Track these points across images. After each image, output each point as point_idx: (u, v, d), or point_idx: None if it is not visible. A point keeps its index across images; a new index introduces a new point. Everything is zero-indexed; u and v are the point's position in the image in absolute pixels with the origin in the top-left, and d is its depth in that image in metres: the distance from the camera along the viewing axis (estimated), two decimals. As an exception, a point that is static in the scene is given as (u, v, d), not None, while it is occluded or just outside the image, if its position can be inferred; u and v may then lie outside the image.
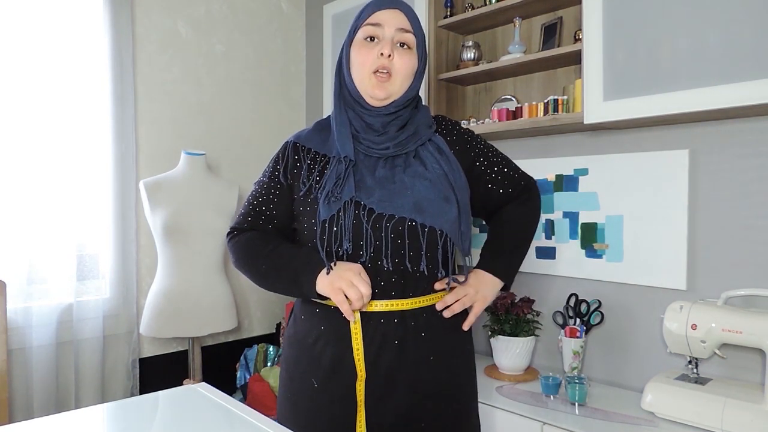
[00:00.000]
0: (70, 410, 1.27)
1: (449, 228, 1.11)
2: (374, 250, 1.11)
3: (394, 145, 1.14)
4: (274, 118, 2.88)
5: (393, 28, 1.13)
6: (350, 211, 1.10)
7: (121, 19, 2.30)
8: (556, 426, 1.50)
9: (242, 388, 2.57)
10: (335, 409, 1.16)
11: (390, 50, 1.12)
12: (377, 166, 1.15)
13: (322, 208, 1.12)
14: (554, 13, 1.98)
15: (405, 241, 1.10)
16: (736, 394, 1.42)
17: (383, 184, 1.12)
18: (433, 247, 1.12)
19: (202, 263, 2.19)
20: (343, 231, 1.10)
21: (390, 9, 1.14)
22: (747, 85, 1.37)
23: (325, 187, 1.13)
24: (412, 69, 1.16)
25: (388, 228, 1.09)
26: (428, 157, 1.16)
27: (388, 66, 1.12)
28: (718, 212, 1.63)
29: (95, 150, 2.26)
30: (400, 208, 1.10)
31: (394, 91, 1.14)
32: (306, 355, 1.20)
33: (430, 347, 1.17)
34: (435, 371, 1.17)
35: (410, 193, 1.11)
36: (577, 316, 1.87)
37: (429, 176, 1.14)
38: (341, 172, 1.13)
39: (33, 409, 2.08)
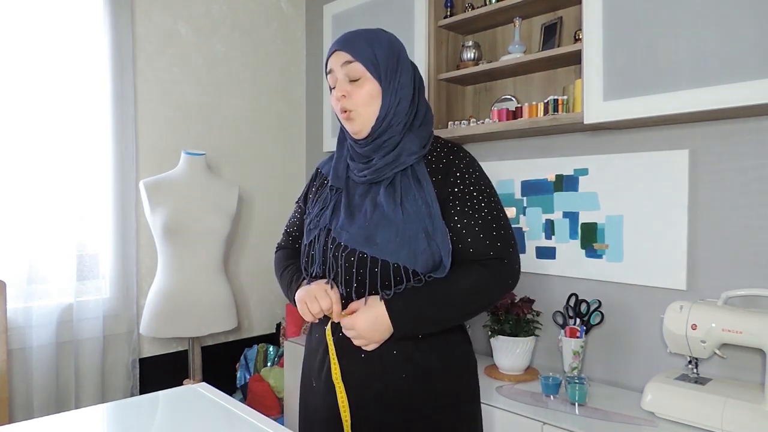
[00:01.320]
0: (70, 410, 1.27)
1: (405, 258, 1.12)
2: (334, 276, 1.19)
3: (371, 172, 1.19)
4: (274, 118, 2.88)
5: (339, 68, 1.19)
6: (321, 239, 1.21)
7: (121, 19, 2.30)
8: (556, 426, 1.49)
9: (242, 388, 2.57)
10: (325, 403, 1.24)
11: (341, 91, 1.18)
12: (356, 192, 1.22)
13: (305, 233, 1.27)
14: (554, 13, 1.98)
15: (355, 270, 1.15)
16: (736, 394, 1.42)
17: (352, 212, 1.19)
18: (382, 276, 1.13)
19: (202, 263, 2.19)
20: (317, 255, 1.21)
21: (335, 53, 1.20)
22: (747, 85, 1.37)
23: (310, 214, 1.27)
24: (368, 95, 1.17)
25: (343, 257, 1.16)
26: (405, 184, 1.17)
27: (345, 106, 1.18)
28: (718, 212, 1.63)
29: (95, 150, 2.26)
30: (352, 238, 1.15)
31: (363, 123, 1.18)
32: (310, 357, 1.32)
33: (385, 364, 1.17)
34: (392, 387, 1.17)
35: (365, 222, 1.15)
36: (577, 316, 1.87)
37: (393, 205, 1.15)
38: (327, 199, 1.24)
39: (33, 409, 2.08)
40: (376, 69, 1.17)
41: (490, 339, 1.91)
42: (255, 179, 2.80)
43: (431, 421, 1.18)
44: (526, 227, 2.07)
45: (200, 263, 2.19)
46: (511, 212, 2.12)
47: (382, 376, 1.17)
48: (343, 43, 1.19)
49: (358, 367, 1.18)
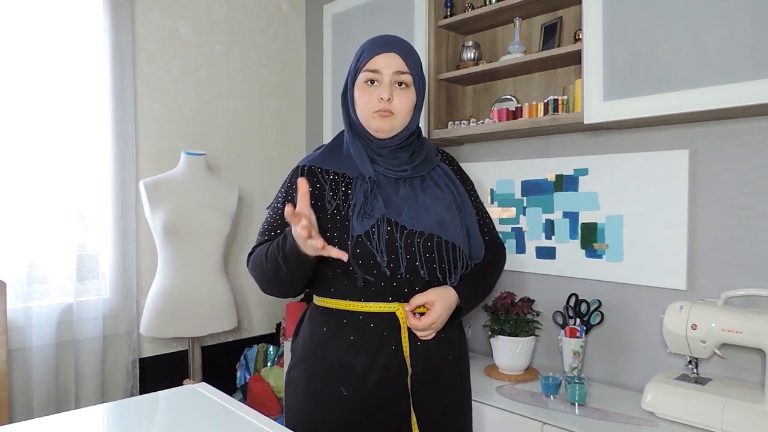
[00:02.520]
0: (70, 410, 1.27)
1: (462, 243, 1.24)
2: (407, 263, 1.20)
3: (411, 168, 1.25)
4: (274, 118, 2.88)
5: (390, 72, 1.22)
6: (383, 228, 1.18)
7: (121, 19, 2.30)
8: (556, 426, 1.49)
9: (242, 388, 2.57)
10: (388, 408, 1.22)
11: (389, 94, 1.21)
12: (398, 186, 1.25)
13: (356, 224, 1.18)
14: (554, 13, 1.98)
15: (434, 255, 1.21)
16: (736, 394, 1.42)
17: (408, 203, 1.22)
18: (451, 258, 1.23)
19: (202, 263, 2.19)
20: (378, 245, 1.18)
21: (387, 54, 1.22)
22: (747, 85, 1.37)
23: (355, 205, 1.20)
24: (411, 105, 1.25)
25: (419, 243, 1.19)
26: (440, 180, 1.29)
27: (388, 108, 1.22)
28: (718, 212, 1.63)
29: (95, 150, 2.26)
30: (428, 225, 1.20)
31: (396, 126, 1.24)
32: (332, 365, 1.23)
33: (446, 345, 1.29)
34: (450, 366, 1.30)
35: (433, 212, 1.23)
36: (577, 316, 1.87)
37: (444, 197, 1.26)
38: (367, 190, 1.21)
39: (33, 409, 2.08)
40: (418, 83, 1.26)
41: (490, 339, 1.91)
42: (255, 179, 2.80)
43: (467, 395, 1.35)
44: (526, 227, 2.07)
45: (200, 263, 2.19)
46: (511, 212, 2.12)
47: (438, 358, 1.26)
48: (399, 47, 1.24)
49: (416, 354, 1.24)
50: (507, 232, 2.13)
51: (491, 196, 2.18)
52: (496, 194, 2.17)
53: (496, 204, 2.17)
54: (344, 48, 2.49)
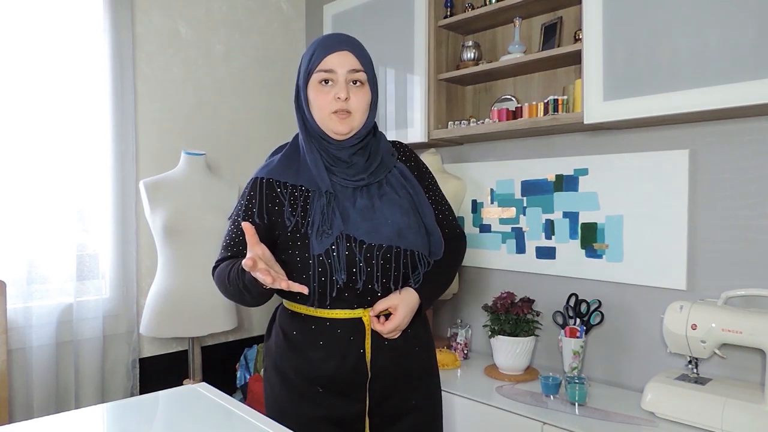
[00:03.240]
0: (70, 410, 1.27)
1: (421, 246, 1.25)
2: (366, 277, 1.21)
3: (368, 175, 1.24)
4: (274, 118, 2.88)
5: (345, 71, 1.20)
6: (342, 245, 1.19)
7: (121, 19, 2.30)
8: (556, 426, 1.50)
9: (242, 388, 2.57)
10: (346, 407, 1.27)
11: (345, 93, 1.19)
12: (355, 196, 1.23)
13: (315, 243, 1.19)
14: (554, 13, 1.98)
15: (392, 265, 1.22)
16: (736, 394, 1.42)
17: (366, 214, 1.22)
18: (409, 265, 1.24)
19: (202, 263, 2.19)
20: (338, 263, 1.19)
21: (339, 51, 1.20)
22: (747, 85, 1.38)
23: (314, 223, 1.20)
24: (367, 103, 1.24)
25: (378, 256, 1.21)
26: (397, 183, 1.28)
27: (345, 107, 1.20)
28: (718, 212, 1.63)
29: (95, 150, 2.26)
30: (386, 237, 1.21)
31: (354, 125, 1.22)
32: (304, 367, 1.27)
33: (412, 338, 1.32)
34: (411, 361, 1.32)
35: (390, 221, 1.23)
36: (577, 316, 1.87)
37: (401, 203, 1.25)
38: (324, 206, 1.21)
39: (33, 409, 2.08)
40: (372, 80, 1.25)
41: (490, 339, 1.91)
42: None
43: (432, 388, 1.36)
44: (526, 227, 2.07)
45: (200, 263, 2.19)
46: (511, 212, 2.12)
47: (405, 350, 1.29)
48: (352, 45, 1.22)
49: (383, 351, 1.27)
50: (507, 232, 2.13)
51: (491, 196, 2.18)
52: (496, 194, 2.17)
53: (496, 204, 2.17)
54: (344, 48, 2.48)
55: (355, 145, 1.24)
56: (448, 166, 2.31)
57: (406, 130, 2.21)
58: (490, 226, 2.19)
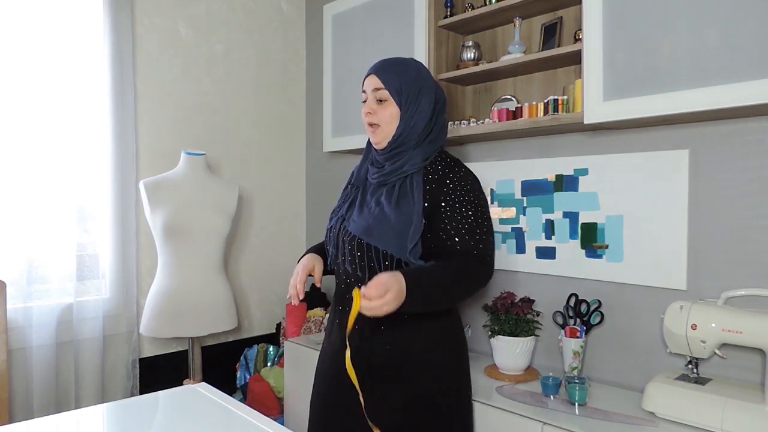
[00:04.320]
0: (70, 410, 1.27)
1: (393, 248, 1.37)
2: (342, 256, 1.46)
3: (380, 175, 1.45)
4: (274, 118, 2.88)
5: (370, 90, 1.45)
6: (337, 226, 1.49)
7: (121, 19, 2.30)
8: (556, 426, 1.49)
9: (242, 388, 2.57)
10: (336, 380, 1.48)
11: (369, 108, 1.45)
12: (375, 192, 1.46)
13: (329, 221, 1.54)
14: (554, 13, 1.98)
15: (358, 254, 1.41)
16: (736, 394, 1.42)
17: (361, 206, 1.47)
18: (373, 258, 1.40)
19: (202, 263, 2.19)
20: (332, 238, 1.50)
21: (369, 76, 1.47)
22: (747, 85, 1.37)
23: (336, 207, 1.55)
24: (390, 116, 1.43)
25: (347, 242, 1.44)
26: (403, 190, 1.42)
27: (371, 120, 1.45)
28: (718, 212, 1.63)
29: (95, 150, 2.26)
30: (358, 229, 1.42)
31: (383, 136, 1.44)
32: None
33: (378, 325, 1.41)
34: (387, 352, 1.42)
35: (368, 217, 1.42)
36: (577, 316, 1.87)
37: (390, 205, 1.40)
38: (348, 195, 1.53)
39: (33, 409, 2.08)
40: (398, 96, 1.43)
41: (490, 339, 1.91)
42: (255, 179, 2.80)
43: (411, 385, 1.42)
44: (526, 227, 2.07)
45: (200, 263, 2.19)
46: (511, 212, 2.12)
47: (367, 343, 1.42)
48: (377, 69, 1.46)
49: (355, 338, 1.40)
50: (507, 232, 2.13)
51: (491, 196, 2.18)
52: (496, 194, 2.17)
53: (496, 204, 2.17)
54: (344, 48, 2.49)
55: (387, 152, 1.45)
56: (448, 166, 2.31)
57: (406, 130, 2.21)
58: (490, 226, 2.19)
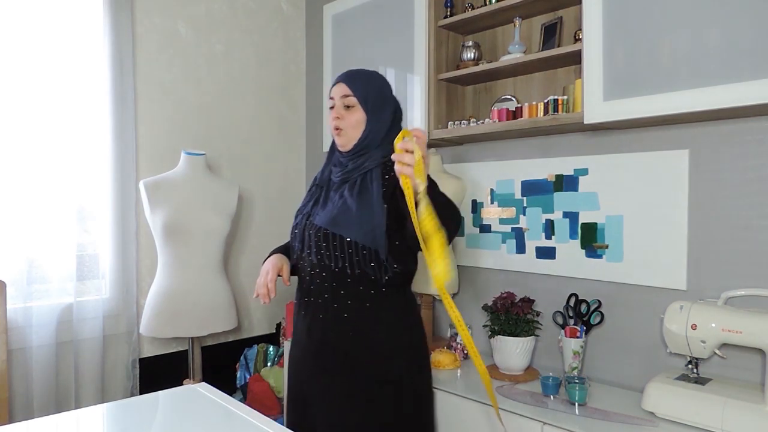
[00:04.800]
0: (70, 410, 1.27)
1: (359, 236, 1.47)
2: (308, 249, 1.56)
3: (343, 173, 1.57)
4: (274, 118, 2.88)
5: (338, 97, 1.56)
6: (302, 223, 1.60)
7: (121, 19, 2.30)
8: (556, 426, 1.49)
9: (242, 388, 2.57)
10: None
11: (337, 113, 1.56)
12: (338, 189, 1.57)
13: (294, 219, 1.65)
14: (554, 13, 1.98)
15: (321, 243, 1.52)
16: (736, 394, 1.42)
17: (325, 202, 1.58)
18: (338, 246, 1.49)
19: (202, 263, 2.19)
20: (297, 234, 1.60)
21: (337, 84, 1.58)
22: (747, 85, 1.37)
23: (300, 205, 1.66)
24: (356, 121, 1.55)
25: (312, 234, 1.54)
26: (364, 185, 1.52)
27: (338, 124, 1.55)
28: (718, 212, 1.63)
29: (95, 150, 2.26)
30: (323, 220, 1.52)
31: (348, 140, 1.55)
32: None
33: (341, 313, 1.52)
34: (342, 333, 1.52)
35: (333, 209, 1.53)
36: (577, 316, 1.87)
37: (353, 197, 1.50)
38: (313, 194, 1.63)
39: (33, 409, 2.08)
40: (365, 104, 1.55)
41: (490, 339, 1.91)
42: (255, 179, 2.80)
43: (370, 365, 1.51)
44: (526, 227, 2.07)
45: (200, 263, 2.19)
46: (511, 212, 2.12)
47: (330, 332, 1.53)
48: (345, 78, 1.57)
49: (319, 327, 1.54)
50: (507, 232, 2.13)
51: (491, 196, 2.18)
52: (496, 194, 2.17)
53: (496, 204, 2.17)
54: (344, 48, 2.49)
55: (350, 154, 1.56)
56: (448, 166, 2.31)
57: (406, 130, 2.21)
58: (490, 226, 2.19)
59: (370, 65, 2.36)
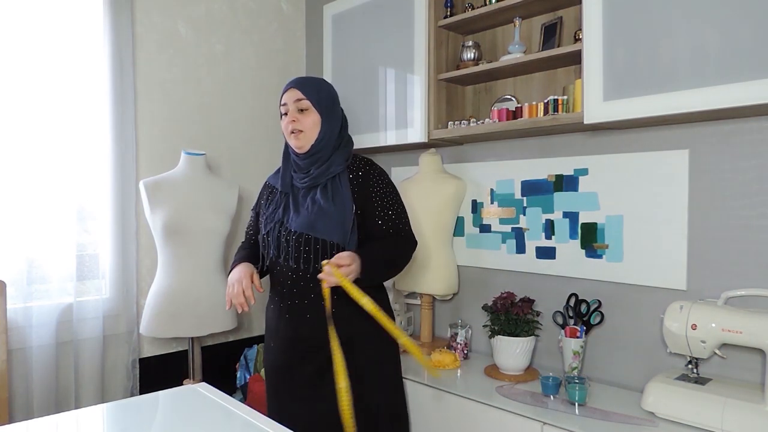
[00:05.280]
0: (70, 410, 1.27)
1: (337, 238, 1.57)
2: (285, 254, 1.62)
3: (309, 179, 1.64)
4: (274, 118, 2.88)
5: (292, 102, 1.63)
6: (275, 229, 1.64)
7: (121, 19, 2.30)
8: (556, 426, 1.50)
9: (242, 388, 2.57)
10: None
11: (292, 116, 1.62)
12: (307, 195, 1.64)
13: (263, 227, 1.70)
14: (554, 13, 1.98)
15: (302, 248, 1.59)
16: (736, 394, 1.42)
17: (297, 208, 1.64)
18: (320, 250, 1.57)
19: (202, 263, 2.19)
20: (271, 241, 1.65)
21: (289, 90, 1.64)
22: (747, 85, 1.38)
23: (266, 213, 1.71)
24: (313, 122, 1.62)
25: (293, 239, 1.60)
26: (335, 188, 1.62)
27: (296, 127, 1.61)
28: (718, 212, 1.63)
29: (95, 150, 2.26)
30: (301, 225, 1.59)
31: (306, 141, 1.62)
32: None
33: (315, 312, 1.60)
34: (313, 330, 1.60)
35: (309, 214, 1.60)
36: (577, 316, 1.87)
37: (327, 201, 1.59)
38: (279, 201, 1.68)
39: (33, 409, 2.08)
40: (319, 106, 1.63)
41: (490, 339, 1.91)
42: (255, 179, 2.80)
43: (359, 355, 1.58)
44: (526, 227, 2.07)
45: (200, 263, 2.19)
46: (511, 212, 2.12)
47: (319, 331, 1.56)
48: (297, 83, 1.65)
49: (305, 325, 1.62)
50: (507, 232, 2.13)
51: (491, 196, 2.18)
52: (496, 194, 2.17)
53: (496, 204, 2.17)
54: (344, 48, 2.49)
55: (310, 156, 1.63)
56: (448, 166, 2.31)
57: (406, 130, 2.21)
58: (490, 226, 2.19)
59: (370, 65, 2.36)
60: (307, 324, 1.61)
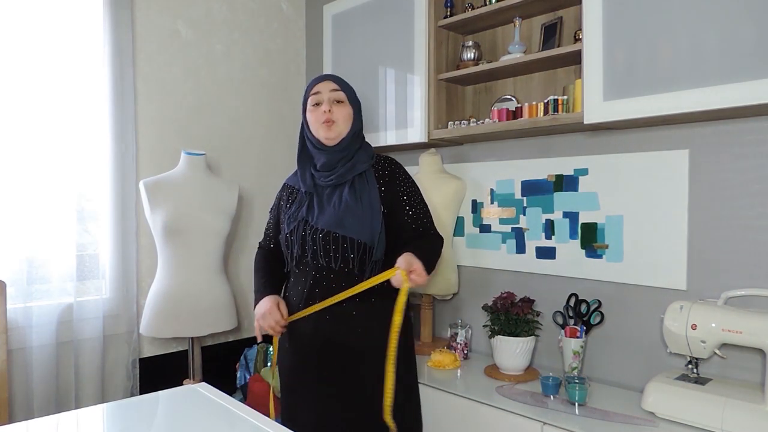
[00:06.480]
0: (70, 410, 1.27)
1: (365, 237, 1.55)
2: (312, 253, 1.59)
3: (336, 176, 1.61)
4: (274, 118, 2.88)
5: (328, 92, 1.62)
6: (300, 228, 1.61)
7: (121, 19, 2.30)
8: (556, 426, 1.50)
9: (242, 388, 2.57)
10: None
11: (329, 106, 1.60)
12: (333, 193, 1.62)
13: (286, 225, 1.67)
14: (554, 13, 1.98)
15: (330, 246, 1.56)
16: (736, 394, 1.42)
17: (323, 206, 1.61)
18: (348, 248, 1.55)
19: (202, 263, 2.19)
20: (296, 240, 1.61)
21: (324, 81, 1.64)
22: (747, 85, 1.38)
23: (288, 212, 1.68)
24: (348, 114, 1.63)
25: (320, 237, 1.57)
26: (361, 185, 1.61)
27: (330, 117, 1.60)
28: (718, 212, 1.63)
29: (95, 150, 2.26)
30: (328, 223, 1.56)
31: (338, 132, 1.61)
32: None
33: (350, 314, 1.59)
34: (343, 331, 1.60)
35: (336, 212, 1.57)
36: (577, 316, 1.87)
37: (355, 200, 1.58)
38: (302, 200, 1.65)
39: (33, 409, 2.08)
40: (351, 100, 1.65)
41: (490, 339, 1.91)
42: (255, 179, 2.80)
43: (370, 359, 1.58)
44: (526, 227, 2.07)
45: (200, 263, 2.19)
46: (511, 212, 2.12)
47: (348, 330, 1.58)
48: (330, 76, 1.66)
49: (326, 327, 1.59)
50: (507, 232, 2.13)
51: (491, 196, 2.18)
52: (496, 194, 2.17)
53: (496, 204, 2.17)
54: (344, 48, 2.49)
55: (340, 150, 1.61)
56: (448, 166, 2.31)
57: (406, 130, 2.21)
58: (490, 226, 2.19)
59: (370, 65, 2.36)
60: (326, 324, 1.59)
